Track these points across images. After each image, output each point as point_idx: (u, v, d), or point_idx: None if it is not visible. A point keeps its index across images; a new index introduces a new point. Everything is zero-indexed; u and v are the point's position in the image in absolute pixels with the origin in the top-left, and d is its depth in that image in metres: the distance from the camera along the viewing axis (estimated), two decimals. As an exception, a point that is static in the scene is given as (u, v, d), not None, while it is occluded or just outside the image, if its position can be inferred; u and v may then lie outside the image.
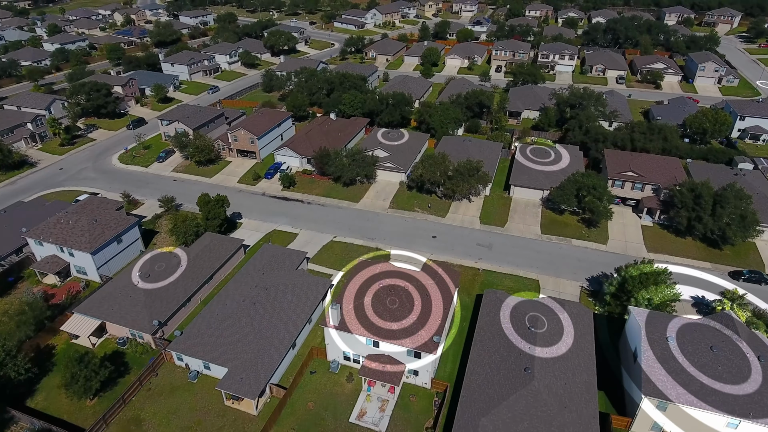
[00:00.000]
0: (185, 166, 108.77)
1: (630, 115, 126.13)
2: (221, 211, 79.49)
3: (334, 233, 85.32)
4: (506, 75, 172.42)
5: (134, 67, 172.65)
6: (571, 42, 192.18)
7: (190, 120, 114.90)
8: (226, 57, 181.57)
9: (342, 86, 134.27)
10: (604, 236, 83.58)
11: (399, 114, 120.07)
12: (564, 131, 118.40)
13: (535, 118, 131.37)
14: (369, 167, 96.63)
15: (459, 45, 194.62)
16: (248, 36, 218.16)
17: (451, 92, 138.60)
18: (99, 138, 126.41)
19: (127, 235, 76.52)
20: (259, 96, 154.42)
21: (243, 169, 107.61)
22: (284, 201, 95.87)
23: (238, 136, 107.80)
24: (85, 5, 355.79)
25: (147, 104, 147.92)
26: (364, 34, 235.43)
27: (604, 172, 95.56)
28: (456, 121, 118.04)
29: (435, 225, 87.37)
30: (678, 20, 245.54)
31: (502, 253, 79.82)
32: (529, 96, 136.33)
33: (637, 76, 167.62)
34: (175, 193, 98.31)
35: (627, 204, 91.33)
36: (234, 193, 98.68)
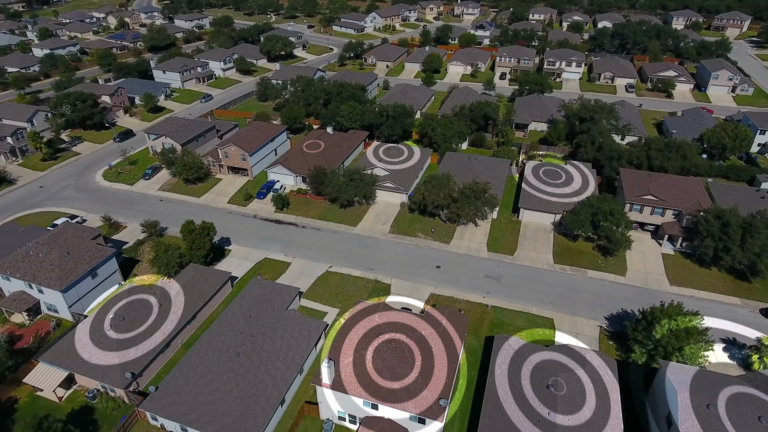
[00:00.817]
0: (172, 184, 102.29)
1: (643, 128, 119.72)
2: (206, 241, 73.04)
3: (330, 262, 78.88)
4: (511, 82, 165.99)
5: (125, 75, 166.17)
6: (577, 48, 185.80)
7: (178, 134, 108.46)
8: (221, 63, 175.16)
9: (340, 96, 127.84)
10: (622, 266, 77.12)
11: (400, 127, 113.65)
12: (574, 146, 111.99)
13: (543, 131, 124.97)
14: (368, 188, 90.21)
15: (461, 51, 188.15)
16: (244, 41, 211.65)
17: (455, 102, 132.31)
18: (84, 152, 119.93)
19: (103, 268, 70.03)
20: (253, 105, 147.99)
21: (234, 187, 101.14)
22: (277, 224, 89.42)
23: (228, 152, 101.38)
24: (80, 7, 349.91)
25: (136, 114, 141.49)
26: (363, 39, 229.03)
27: (620, 193, 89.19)
28: (460, 135, 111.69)
29: (439, 253, 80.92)
30: (686, 24, 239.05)
31: (512, 286, 73.37)
32: (536, 107, 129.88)
33: (647, 84, 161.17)
34: (160, 215, 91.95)
35: (645, 229, 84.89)
36: (223, 215, 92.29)
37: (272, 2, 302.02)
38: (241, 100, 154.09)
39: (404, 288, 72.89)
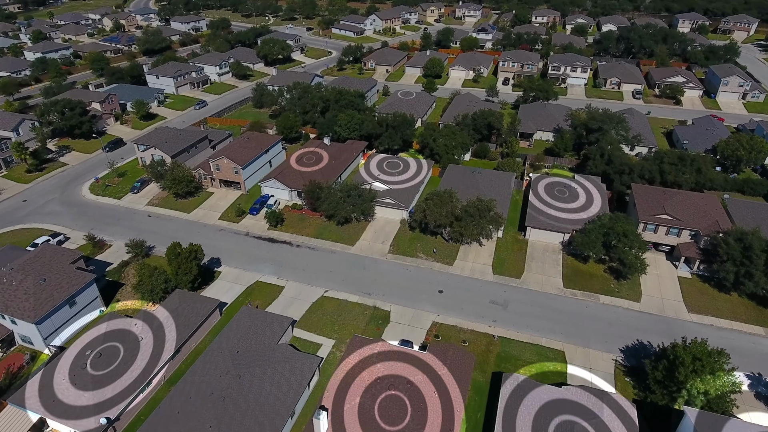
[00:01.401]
0: (162, 198, 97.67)
1: (653, 138, 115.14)
2: (193, 266, 68.41)
3: (326, 285, 74.26)
4: (514, 88, 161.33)
5: (117, 80, 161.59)
6: (582, 52, 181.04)
7: (168, 145, 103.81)
8: (216, 68, 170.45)
9: (338, 104, 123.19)
10: (636, 291, 72.49)
11: (400, 138, 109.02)
12: (582, 157, 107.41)
13: (549, 141, 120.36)
14: (366, 204, 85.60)
15: (463, 55, 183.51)
16: (241, 44, 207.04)
17: (457, 110, 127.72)
18: (71, 162, 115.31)
19: (82, 295, 65.47)
20: (248, 113, 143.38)
21: (226, 202, 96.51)
22: (270, 243, 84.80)
23: (220, 165, 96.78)
24: (76, 9, 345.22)
25: (127, 122, 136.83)
26: (363, 42, 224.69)
27: (632, 211, 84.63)
28: (462, 146, 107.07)
29: (441, 275, 76.28)
30: (692, 27, 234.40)
31: (519, 313, 68.75)
32: (541, 115, 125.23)
33: (655, 90, 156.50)
34: (148, 232, 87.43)
35: (660, 249, 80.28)
36: (214, 232, 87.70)
37: (270, 4, 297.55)
38: (236, 106, 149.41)
39: (405, 315, 68.30)
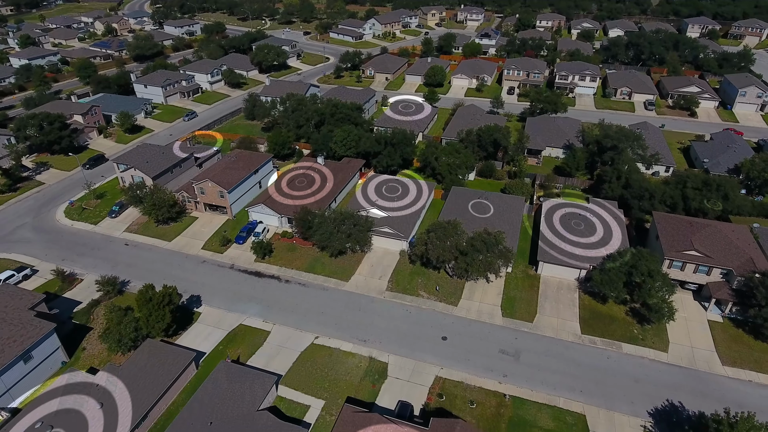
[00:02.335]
0: (141, 224, 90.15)
1: (670, 156, 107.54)
2: (166, 313, 60.87)
3: (317, 330, 66.74)
4: (520, 98, 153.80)
5: (103, 89, 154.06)
6: (589, 59, 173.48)
7: (150, 165, 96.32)
8: (208, 76, 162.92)
9: (333, 118, 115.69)
10: (662, 338, 64.91)
11: (400, 156, 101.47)
12: (596, 178, 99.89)
13: (558, 158, 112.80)
14: (362, 234, 78.06)
15: (466, 62, 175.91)
16: (235, 50, 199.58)
17: (460, 123, 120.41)
18: (48, 181, 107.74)
19: (40, 348, 58.00)
20: (240, 125, 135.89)
21: (210, 228, 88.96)
22: (257, 278, 77.25)
23: (204, 188, 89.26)
24: (70, 11, 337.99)
25: (112, 135, 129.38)
26: (361, 47, 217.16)
27: (652, 242, 77.12)
28: (467, 165, 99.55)
29: (445, 318, 68.73)
30: (701, 32, 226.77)
31: (533, 365, 61.20)
32: (550, 129, 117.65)
33: (668, 101, 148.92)
34: (123, 264, 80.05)
35: (686, 287, 72.70)
36: (196, 264, 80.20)
37: (267, 7, 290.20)
38: (228, 117, 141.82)
39: (404, 368, 60.75)
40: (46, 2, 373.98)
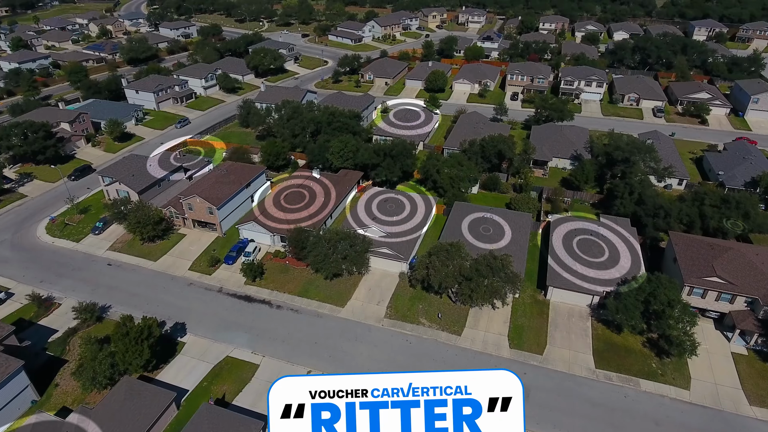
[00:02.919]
0: (126, 241, 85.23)
1: (683, 167, 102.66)
2: (144, 348, 55.95)
3: (309, 364, 61.85)
4: (524, 104, 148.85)
5: (93, 94, 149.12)
6: (595, 64, 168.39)
7: (136, 179, 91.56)
8: (202, 81, 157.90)
9: (330, 126, 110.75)
10: (683, 373, 60.02)
11: (399, 169, 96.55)
12: (606, 192, 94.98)
13: (566, 169, 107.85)
14: (359, 256, 73.10)
15: (468, 66, 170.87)
16: (231, 53, 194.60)
17: (462, 131, 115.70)
18: (32, 193, 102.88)
19: (6, 387, 53.07)
20: (234, 133, 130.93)
21: (199, 246, 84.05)
22: (246, 302, 72.35)
23: (192, 204, 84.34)
24: (66, 12, 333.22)
25: (100, 144, 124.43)
26: (361, 50, 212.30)
27: (670, 265, 72.27)
28: (470, 178, 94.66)
29: (448, 349, 63.81)
30: (709, 35, 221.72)
31: (544, 406, 56.26)
32: (556, 139, 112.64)
33: (677, 107, 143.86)
34: (105, 286, 75.26)
35: (707, 316, 67.77)
36: (182, 287, 75.31)
37: (265, 8, 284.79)
38: (222, 125, 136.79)
39: None
40: (42, 3, 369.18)
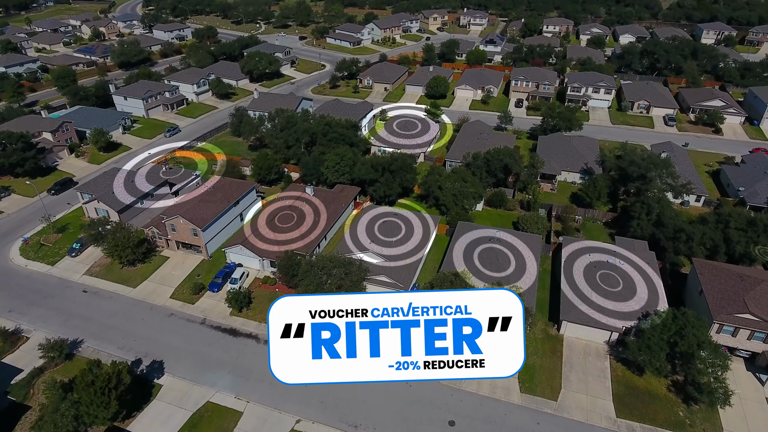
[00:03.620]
0: (104, 265, 79.02)
1: (701, 183, 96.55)
2: (112, 400, 49.75)
3: (299, 412, 55.78)
4: (529, 111, 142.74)
5: (80, 100, 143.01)
6: (602, 69, 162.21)
7: (116, 197, 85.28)
8: (193, 86, 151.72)
9: (326, 137, 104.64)
10: (714, 424, 53.88)
11: (399, 185, 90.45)
12: (620, 210, 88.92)
13: (575, 183, 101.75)
14: (354, 286, 66.93)
15: (470, 71, 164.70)
16: (225, 57, 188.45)
17: (465, 142, 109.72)
18: (8, 209, 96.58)
19: (-48, 446, 47.12)
20: (226, 142, 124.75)
21: (183, 271, 77.84)
22: (231, 336, 66.21)
23: (176, 225, 78.16)
24: (60, 13, 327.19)
25: (84, 154, 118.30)
26: (359, 53, 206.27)
27: (693, 296, 66.21)
28: (474, 194, 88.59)
29: (452, 394, 57.66)
30: (717, 38, 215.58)
31: (560, 463, 50.25)
32: (564, 150, 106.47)
33: (689, 116, 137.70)
34: (79, 316, 69.17)
35: (736, 354, 61.66)
36: (162, 318, 69.17)
37: (262, 10, 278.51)
38: (214, 133, 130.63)
39: (403, 466, 49.82)
40: (36, 4, 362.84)
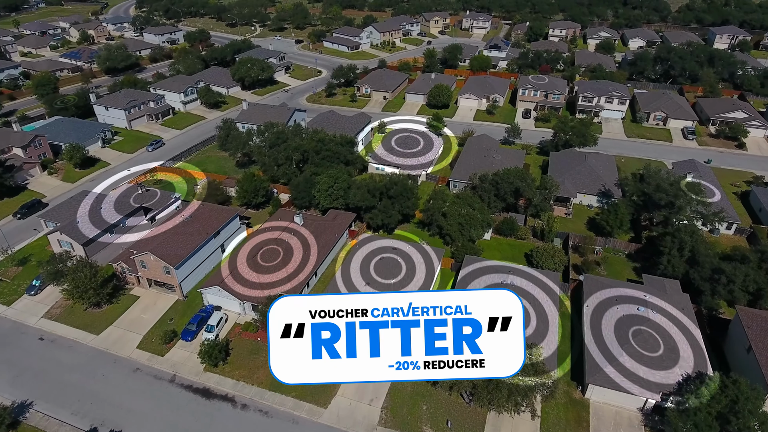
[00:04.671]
0: (66, 306, 69.90)
1: (732, 209, 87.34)
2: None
3: (278, 501, 46.80)
4: (537, 123, 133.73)
5: (60, 111, 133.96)
6: (614, 76, 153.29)
7: (81, 227, 76.23)
8: (180, 95, 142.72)
9: (318, 155, 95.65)
10: None
11: (399, 212, 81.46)
12: (645, 240, 79.93)
13: (591, 206, 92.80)
14: (347, 338, 57.91)
15: (474, 79, 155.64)
16: (216, 62, 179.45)
17: (470, 159, 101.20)
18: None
19: None
20: (212, 158, 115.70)
21: (153, 314, 68.74)
22: (204, 399, 57.16)
23: (146, 261, 69.13)
24: (52, 14, 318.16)
25: (58, 172, 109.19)
26: (357, 58, 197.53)
27: (738, 352, 57.28)
28: (483, 224, 79.58)
29: (461, 478, 48.74)
30: (731, 43, 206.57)
31: None
32: (580, 170, 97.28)
33: (709, 128, 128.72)
34: (32, 371, 60.27)
35: (795, 425, 52.67)
36: (126, 374, 60.15)
37: (258, 12, 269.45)
38: (200, 147, 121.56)
39: None
40: (26, 5, 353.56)
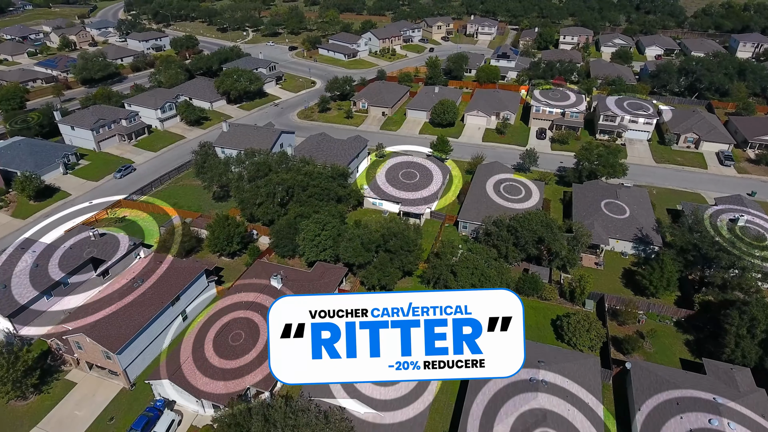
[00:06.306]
0: (-17, 397, 56.15)
1: (795, 261, 73.47)
2: None
3: None
4: (554, 145, 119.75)
5: (22, 130, 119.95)
6: (635, 90, 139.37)
7: (17, 289, 62.21)
8: (157, 111, 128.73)
9: (305, 192, 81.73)
10: None
11: (398, 268, 67.46)
12: (698, 306, 65.95)
13: (626, 254, 78.89)
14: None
15: (482, 92, 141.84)
16: (201, 72, 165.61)
17: (482, 194, 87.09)
18: None
19: None
20: (186, 188, 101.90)
21: (91, 409, 54.71)
22: None
23: (81, 342, 55.11)
24: (38, 18, 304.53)
25: (9, 205, 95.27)
26: (355, 66, 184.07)
27: None
28: (500, 282, 65.62)
29: None
30: (755, 51, 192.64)
31: None
32: (611, 209, 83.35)
33: (746, 151, 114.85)
34: None
35: None
36: (42, 506, 46.18)
37: (251, 16, 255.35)
38: (174, 174, 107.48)
39: None
40: (12, 8, 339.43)
